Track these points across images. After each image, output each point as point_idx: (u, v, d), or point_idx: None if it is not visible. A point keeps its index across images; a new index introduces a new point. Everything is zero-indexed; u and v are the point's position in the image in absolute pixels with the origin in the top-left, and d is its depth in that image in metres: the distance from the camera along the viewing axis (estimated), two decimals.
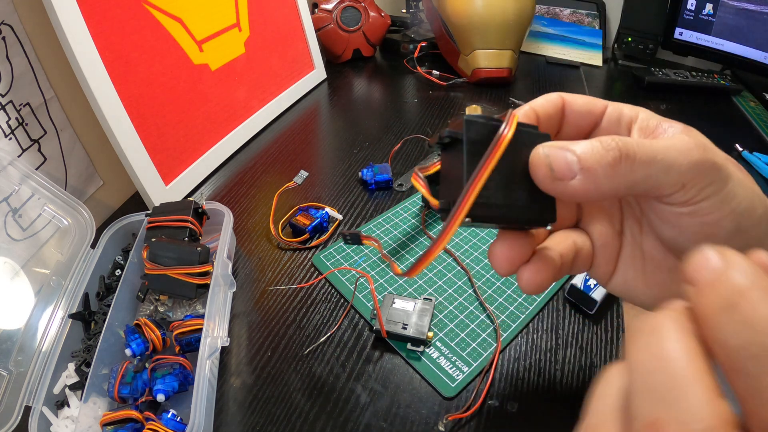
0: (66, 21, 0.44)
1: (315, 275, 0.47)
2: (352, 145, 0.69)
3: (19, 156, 0.45)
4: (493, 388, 0.37)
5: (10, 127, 0.44)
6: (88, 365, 0.36)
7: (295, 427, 0.35)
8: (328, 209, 0.53)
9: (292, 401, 0.37)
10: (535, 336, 0.41)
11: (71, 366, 0.38)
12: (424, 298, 0.43)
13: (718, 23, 0.80)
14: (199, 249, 0.41)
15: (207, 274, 0.41)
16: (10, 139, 0.44)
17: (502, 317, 0.42)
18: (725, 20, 0.79)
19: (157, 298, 0.43)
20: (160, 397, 0.34)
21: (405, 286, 0.45)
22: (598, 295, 0.41)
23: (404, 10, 1.09)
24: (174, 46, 0.57)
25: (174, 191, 0.56)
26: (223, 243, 0.42)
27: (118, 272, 0.45)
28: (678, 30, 0.86)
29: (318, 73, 0.86)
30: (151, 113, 0.54)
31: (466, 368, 0.38)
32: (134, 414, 0.33)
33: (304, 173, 0.62)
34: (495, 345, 0.40)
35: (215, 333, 0.37)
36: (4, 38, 0.43)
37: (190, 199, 0.49)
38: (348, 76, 0.91)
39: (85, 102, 0.47)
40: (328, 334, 0.42)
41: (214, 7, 0.64)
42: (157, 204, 0.47)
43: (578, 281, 0.42)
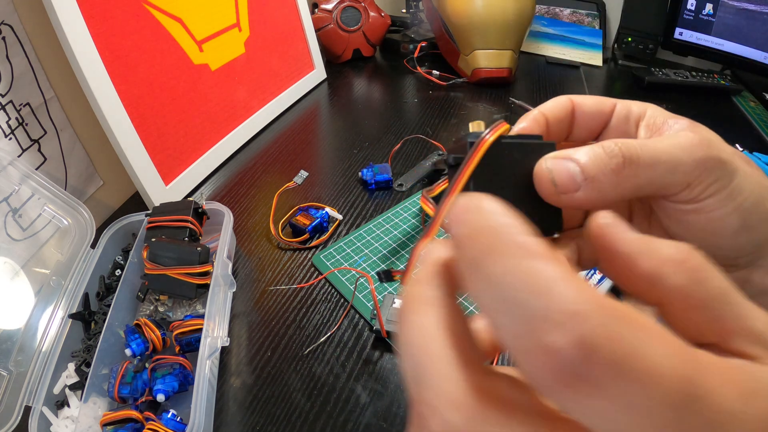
0: (66, 21, 0.44)
1: (315, 275, 0.47)
2: (352, 145, 0.69)
3: (19, 156, 0.45)
4: None
5: (10, 127, 0.44)
6: (88, 365, 0.36)
7: (295, 427, 0.35)
8: (328, 209, 0.53)
9: (292, 401, 0.37)
10: None
11: (71, 366, 0.38)
12: None
13: (718, 23, 0.80)
14: (199, 249, 0.41)
15: (207, 274, 0.41)
16: (10, 139, 0.44)
17: None
18: (725, 20, 0.79)
19: (157, 298, 0.43)
20: (160, 397, 0.34)
21: None
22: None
23: (404, 10, 1.09)
24: (174, 46, 0.57)
25: (174, 191, 0.56)
26: (223, 243, 0.42)
27: (118, 272, 0.45)
28: (678, 30, 0.86)
29: (318, 73, 0.86)
30: (151, 113, 0.54)
31: None
32: (134, 414, 0.33)
33: (304, 173, 0.62)
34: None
35: (215, 333, 0.37)
36: (4, 38, 0.43)
37: (190, 199, 0.49)
38: (348, 76, 0.91)
39: (85, 102, 0.47)
40: (328, 334, 0.42)
41: (214, 7, 0.64)
42: (157, 204, 0.47)
43: None
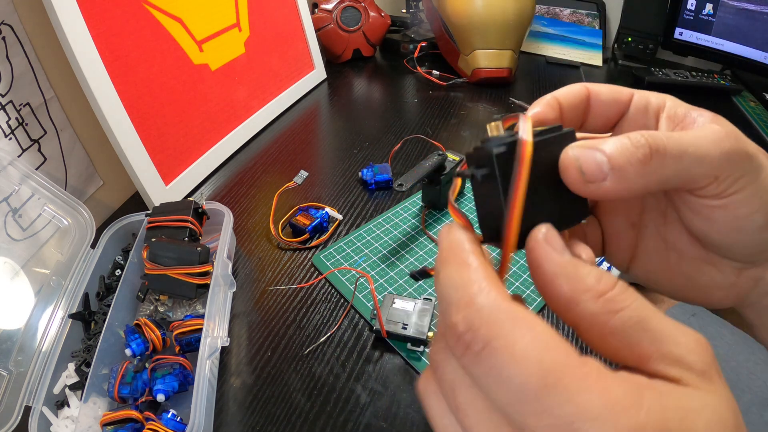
0: (66, 21, 0.44)
1: (315, 275, 0.47)
2: (352, 145, 0.69)
3: (19, 156, 0.45)
4: None
5: (10, 127, 0.44)
6: (88, 365, 0.36)
7: (295, 427, 0.35)
8: (328, 209, 0.53)
9: (292, 401, 0.37)
10: None
11: (71, 366, 0.38)
12: (424, 298, 0.43)
13: (718, 23, 0.80)
14: (199, 249, 0.41)
15: (207, 274, 0.41)
16: (10, 139, 0.44)
17: None
18: (725, 20, 0.79)
19: (157, 298, 0.43)
20: (160, 397, 0.34)
21: (405, 286, 0.45)
22: None
23: (404, 10, 1.09)
24: (174, 46, 0.57)
25: (174, 191, 0.56)
26: (223, 243, 0.42)
27: (118, 272, 0.45)
28: (678, 30, 0.86)
29: (318, 73, 0.86)
30: (151, 113, 0.54)
31: None
32: (134, 414, 0.33)
33: (304, 173, 0.62)
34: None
35: (215, 333, 0.37)
36: (4, 38, 0.43)
37: (190, 199, 0.49)
38: (348, 76, 0.91)
39: (85, 102, 0.47)
40: (328, 334, 0.42)
41: (214, 7, 0.64)
42: (157, 204, 0.47)
43: None
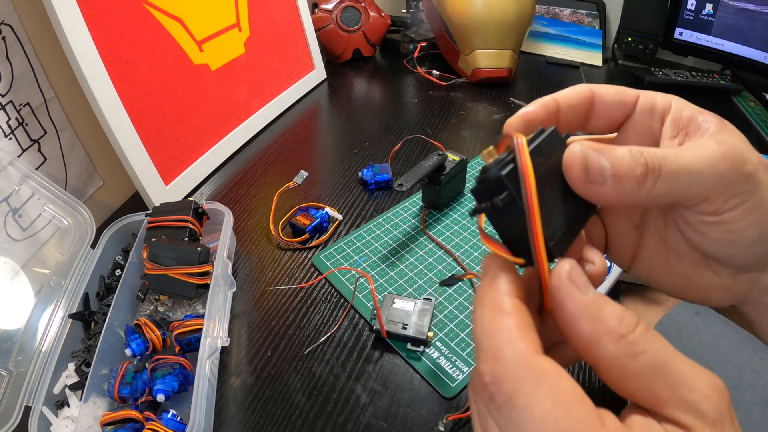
0: (66, 21, 0.44)
1: (315, 275, 0.47)
2: (352, 145, 0.69)
3: (19, 156, 0.45)
4: None
5: (10, 127, 0.44)
6: (88, 365, 0.36)
7: (295, 427, 0.35)
8: (328, 209, 0.53)
9: (292, 401, 0.37)
10: None
11: (71, 366, 0.38)
12: (424, 298, 0.43)
13: (718, 23, 0.80)
14: (199, 249, 0.41)
15: (207, 274, 0.41)
16: (10, 139, 0.44)
17: None
18: (725, 20, 0.79)
19: (157, 298, 0.43)
20: (160, 397, 0.34)
21: (405, 286, 0.45)
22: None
23: (404, 10, 1.09)
24: (174, 46, 0.57)
25: (174, 191, 0.56)
26: (223, 243, 0.42)
27: (118, 272, 0.45)
28: (678, 30, 0.86)
29: (318, 73, 0.86)
30: (151, 113, 0.54)
31: (466, 368, 0.38)
32: (134, 414, 0.33)
33: (304, 173, 0.62)
34: None
35: (215, 333, 0.37)
36: (4, 38, 0.43)
37: (190, 199, 0.49)
38: (348, 76, 0.91)
39: (85, 102, 0.47)
40: (328, 334, 0.42)
41: (214, 7, 0.64)
42: (157, 204, 0.47)
43: None
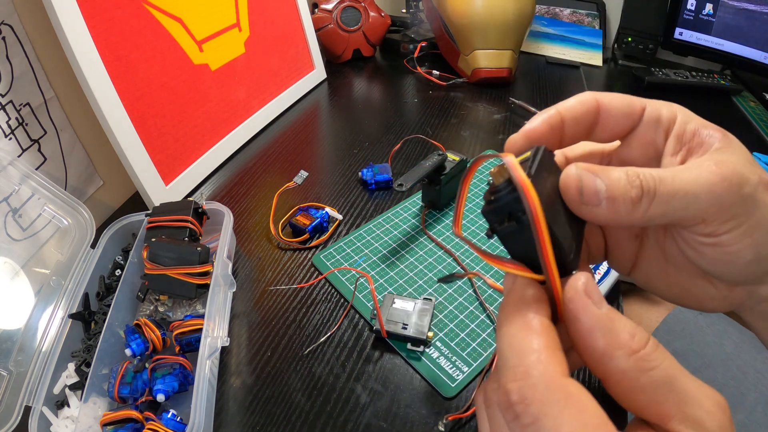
0: (66, 21, 0.44)
1: (315, 275, 0.47)
2: (352, 145, 0.69)
3: (19, 156, 0.45)
4: None
5: (10, 127, 0.44)
6: (88, 365, 0.36)
7: (295, 427, 0.35)
8: (328, 209, 0.53)
9: (292, 401, 0.37)
10: None
11: (71, 366, 0.38)
12: (424, 298, 0.43)
13: (718, 23, 0.80)
14: (199, 249, 0.41)
15: (207, 274, 0.41)
16: (10, 139, 0.44)
17: None
18: (725, 20, 0.79)
19: (157, 298, 0.43)
20: (160, 397, 0.34)
21: (405, 286, 0.45)
22: None
23: (404, 10, 1.09)
24: (174, 46, 0.57)
25: (174, 191, 0.56)
26: (223, 243, 0.42)
27: (118, 272, 0.45)
28: (678, 30, 0.86)
29: (318, 73, 0.86)
30: (151, 113, 0.54)
31: (466, 368, 0.38)
32: (134, 414, 0.33)
33: (304, 173, 0.62)
34: (495, 345, 0.40)
35: (215, 333, 0.37)
36: (4, 38, 0.43)
37: (190, 199, 0.49)
38: (348, 76, 0.91)
39: (85, 102, 0.47)
40: (328, 334, 0.42)
41: (214, 7, 0.64)
42: (157, 204, 0.47)
43: None
